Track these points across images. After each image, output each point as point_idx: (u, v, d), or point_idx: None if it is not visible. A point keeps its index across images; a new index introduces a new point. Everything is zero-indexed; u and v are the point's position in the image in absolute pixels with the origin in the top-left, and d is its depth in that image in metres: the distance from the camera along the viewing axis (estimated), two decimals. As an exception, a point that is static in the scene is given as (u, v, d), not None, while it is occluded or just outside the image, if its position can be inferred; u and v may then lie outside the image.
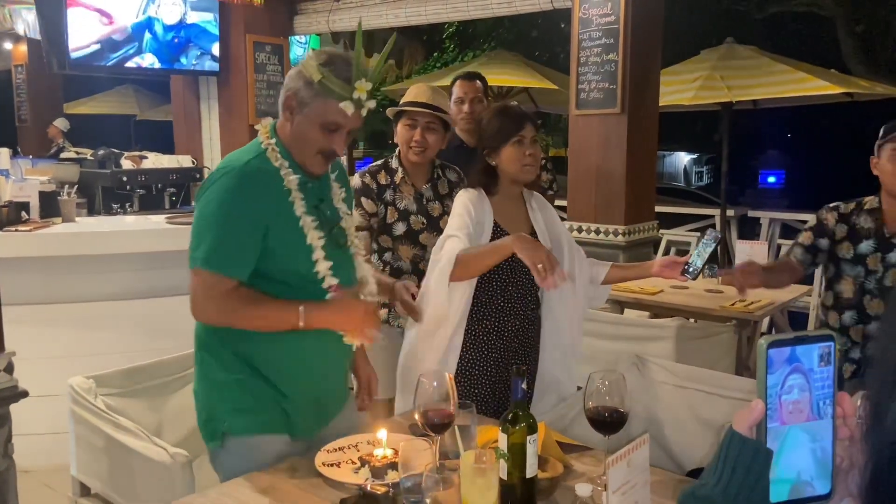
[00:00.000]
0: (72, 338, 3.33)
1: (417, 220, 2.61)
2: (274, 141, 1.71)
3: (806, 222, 2.53)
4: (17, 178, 3.91)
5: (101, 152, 4.42)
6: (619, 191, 4.03)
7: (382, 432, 1.66)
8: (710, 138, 13.13)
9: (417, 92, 2.63)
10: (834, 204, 2.41)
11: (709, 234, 2.18)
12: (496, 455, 1.39)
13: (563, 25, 8.98)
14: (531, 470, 1.43)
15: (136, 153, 4.67)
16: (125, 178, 4.19)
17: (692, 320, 3.43)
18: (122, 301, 3.46)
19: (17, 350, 2.12)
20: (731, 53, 5.74)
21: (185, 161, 4.78)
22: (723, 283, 3.29)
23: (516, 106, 2.32)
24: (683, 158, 20.85)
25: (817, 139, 12.97)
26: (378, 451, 1.62)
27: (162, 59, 4.98)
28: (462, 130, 3.32)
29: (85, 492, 2.17)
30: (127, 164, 4.42)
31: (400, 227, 2.60)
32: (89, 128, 9.32)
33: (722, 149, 6.24)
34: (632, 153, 3.98)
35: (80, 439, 2.10)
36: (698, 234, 6.18)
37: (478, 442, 1.65)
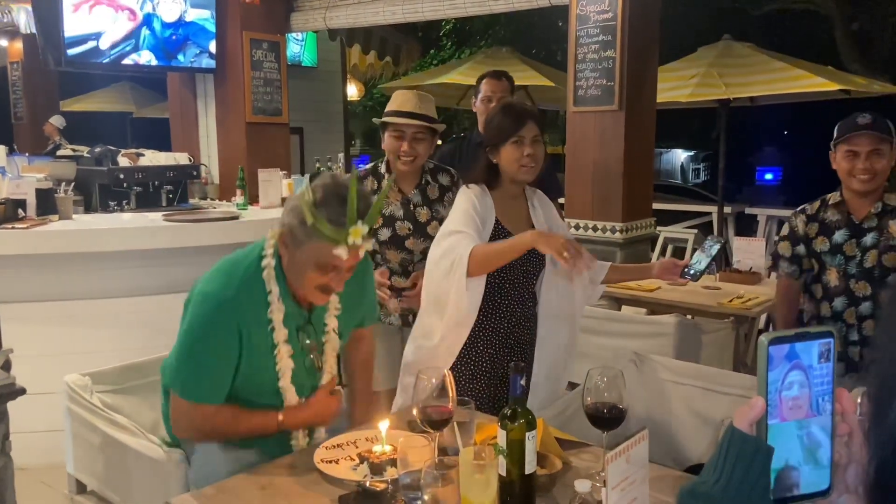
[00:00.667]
0: (68, 335, 3.32)
1: (403, 226, 2.59)
2: (274, 263, 1.69)
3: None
4: (14, 176, 3.89)
5: (97, 150, 4.39)
6: (616, 188, 4.02)
7: (383, 424, 1.66)
8: (708, 135, 13.14)
9: (403, 100, 2.55)
10: (800, 208, 2.60)
11: (712, 237, 2.25)
12: (495, 451, 1.39)
13: (560, 23, 8.98)
14: (530, 466, 1.43)
15: (133, 150, 4.64)
16: (122, 176, 4.17)
17: (689, 317, 3.43)
18: (119, 298, 3.45)
19: (15, 347, 2.11)
20: (729, 50, 5.75)
21: (181, 158, 4.76)
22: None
23: (521, 103, 2.29)
24: (680, 156, 20.87)
25: (814, 136, 13.00)
26: (377, 448, 1.61)
27: (159, 57, 4.96)
28: None
29: (81, 489, 2.16)
30: (124, 161, 4.40)
31: (385, 233, 2.59)
32: (86, 125, 9.29)
33: (719, 146, 6.24)
34: (629, 150, 3.98)
35: (76, 436, 2.10)
36: (695, 232, 6.19)
37: (476, 438, 1.65)
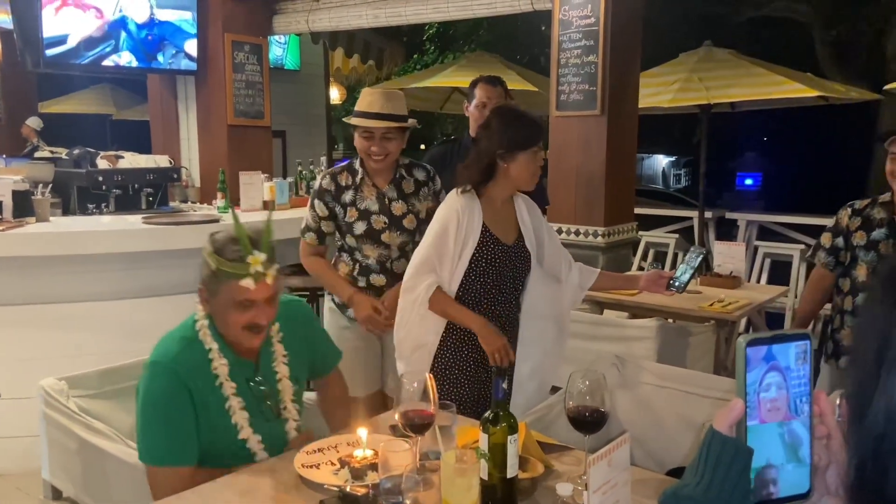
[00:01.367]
0: (45, 339, 3.27)
1: (379, 220, 2.61)
2: (207, 322, 1.75)
3: (784, 224, 2.68)
4: (-10, 177, 3.83)
5: (76, 151, 4.34)
6: (598, 192, 4.04)
7: (362, 431, 1.65)
8: (689, 141, 13.26)
9: (370, 100, 2.55)
10: (850, 202, 2.66)
11: (695, 249, 2.29)
12: (477, 455, 1.39)
13: (543, 28, 9.02)
14: (512, 470, 1.42)
15: (113, 153, 4.59)
16: (101, 178, 4.12)
17: (671, 320, 3.45)
18: (96, 302, 3.41)
19: (-11, 352, 2.07)
20: (709, 56, 5.80)
21: (162, 161, 4.71)
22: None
23: (532, 115, 2.30)
24: (662, 161, 21.03)
25: (793, 142, 13.16)
26: (358, 452, 1.60)
27: (139, 57, 4.91)
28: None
29: (57, 495, 2.13)
30: (103, 163, 4.35)
31: (360, 227, 2.60)
32: (65, 127, 9.17)
33: (700, 151, 6.29)
34: (611, 155, 4.00)
35: (52, 442, 2.06)
36: (677, 237, 6.24)
37: (458, 442, 1.65)
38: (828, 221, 2.73)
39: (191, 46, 5.15)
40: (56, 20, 4.49)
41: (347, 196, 2.62)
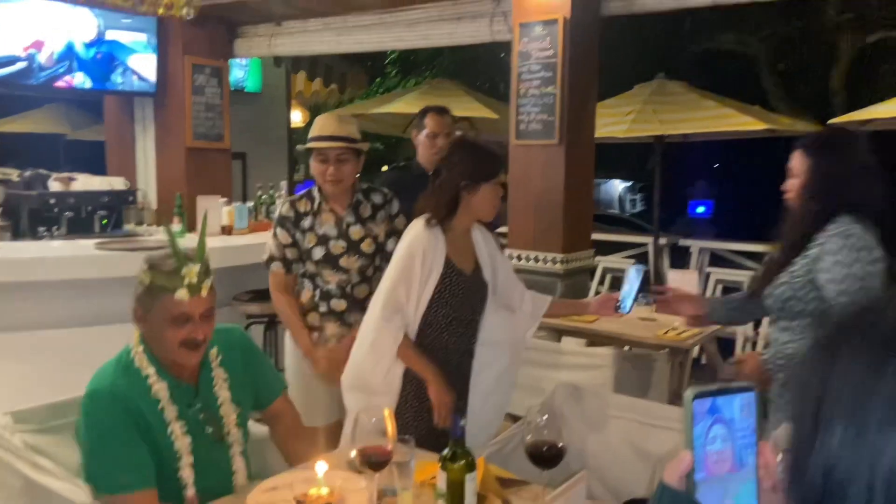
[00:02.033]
0: (-10, 369, 3.16)
1: (337, 245, 2.63)
2: (142, 348, 1.73)
3: (735, 251, 2.72)
4: (-66, 200, 3.71)
5: (27, 173, 4.24)
6: (556, 220, 4.10)
7: (321, 465, 1.63)
8: (644, 167, 13.58)
9: (324, 124, 2.63)
10: None
11: (633, 269, 2.31)
12: (435, 496, 1.39)
13: (503, 55, 9.16)
14: (470, 507, 1.42)
15: (66, 174, 4.49)
16: (53, 201, 4.03)
17: (628, 348, 3.50)
18: (46, 330, 3.31)
19: (-70, 385, 1.99)
20: (663, 88, 5.97)
21: (117, 183, 4.63)
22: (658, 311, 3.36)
23: (493, 145, 2.35)
24: (618, 186, 21.44)
25: (743, 171, 13.57)
26: (313, 490, 1.59)
27: (93, 78, 4.84)
28: (429, 162, 3.37)
29: (0, 536, 2.04)
30: (55, 185, 4.26)
31: (318, 252, 2.62)
32: (16, 147, 8.94)
33: (654, 177, 6.45)
34: (569, 183, 4.07)
35: (-5, 480, 1.98)
36: (633, 261, 6.35)
37: (416, 478, 1.64)
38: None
39: (144, 66, 5.09)
40: (6, 42, 4.40)
41: (306, 222, 2.64)
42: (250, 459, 1.88)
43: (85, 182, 4.46)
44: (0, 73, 4.36)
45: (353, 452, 1.57)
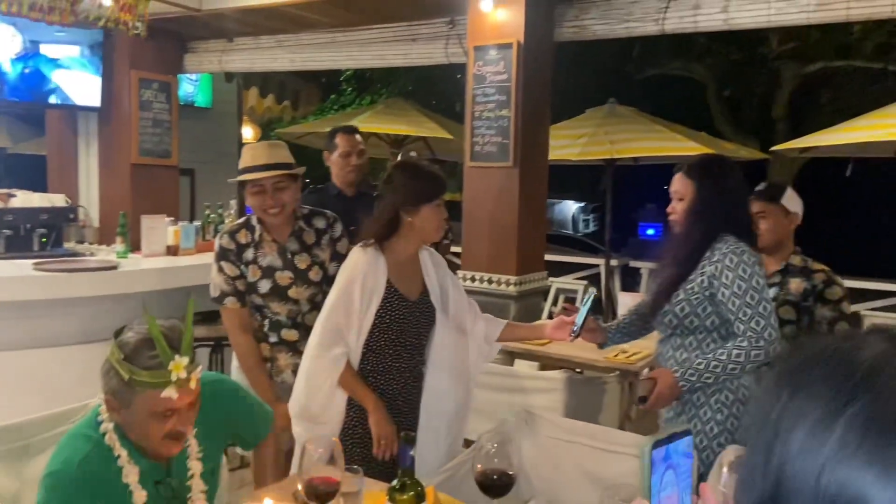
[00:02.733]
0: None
1: (284, 276, 2.52)
2: (112, 425, 1.56)
3: None
4: None
5: (-39, 188, 4.07)
6: (510, 242, 4.12)
7: (267, 501, 1.58)
8: (596, 188, 13.80)
9: (255, 154, 2.49)
10: None
11: (587, 293, 2.33)
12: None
13: (458, 76, 9.23)
14: (419, 540, 1.39)
15: (4, 191, 4.33)
16: (-11, 218, 3.87)
17: (579, 371, 3.52)
18: (-23, 354, 3.16)
19: None
20: (614, 113, 6.09)
21: (57, 200, 4.47)
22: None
23: (435, 167, 2.30)
24: (572, 207, 21.74)
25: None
26: (258, 526, 1.53)
27: (22, 93, 4.69)
28: (344, 181, 3.35)
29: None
30: (-8, 201, 4.09)
31: (265, 285, 2.52)
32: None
33: (606, 200, 6.55)
34: (523, 206, 4.10)
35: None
36: (585, 283, 6.42)
37: (365, 509, 1.60)
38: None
39: (82, 81, 4.95)
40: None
41: (248, 254, 2.52)
42: None
43: (24, 199, 4.30)
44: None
45: (299, 484, 1.53)
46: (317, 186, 3.51)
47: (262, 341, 2.59)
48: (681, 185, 2.21)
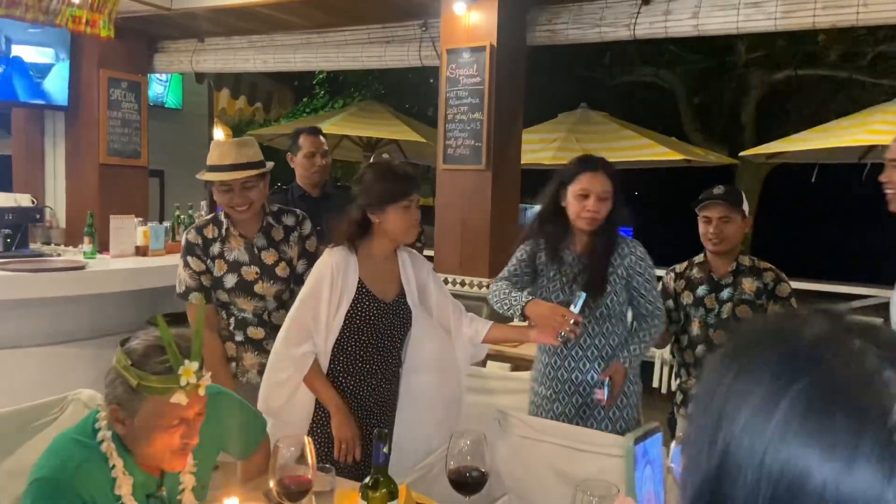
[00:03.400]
0: None
1: (250, 271, 2.51)
2: (111, 434, 1.51)
3: (658, 278, 2.79)
4: None
5: (-78, 187, 3.97)
6: (483, 244, 4.14)
7: (232, 500, 1.56)
8: (568, 193, 13.88)
9: (221, 153, 2.46)
10: (671, 267, 2.89)
11: (576, 294, 2.28)
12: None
13: (431, 80, 9.25)
14: (391, 537, 1.39)
15: (-34, 190, 4.24)
16: (-49, 217, 3.78)
17: (551, 371, 3.53)
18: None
19: None
20: (585, 118, 6.16)
21: (23, 200, 4.38)
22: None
23: (407, 168, 2.25)
24: (544, 211, 21.86)
25: (662, 199, 14.12)
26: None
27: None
28: (309, 182, 3.34)
29: None
30: (-47, 201, 4.00)
31: (230, 280, 2.50)
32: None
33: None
34: (496, 208, 4.12)
35: None
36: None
37: (337, 508, 1.59)
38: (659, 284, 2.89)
39: (53, 79, 4.87)
40: None
41: (215, 248, 2.50)
42: None
43: (-12, 198, 4.20)
44: None
45: (271, 482, 1.51)
46: (281, 187, 3.49)
47: (227, 340, 2.56)
48: (608, 187, 2.38)
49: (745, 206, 2.72)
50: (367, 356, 2.16)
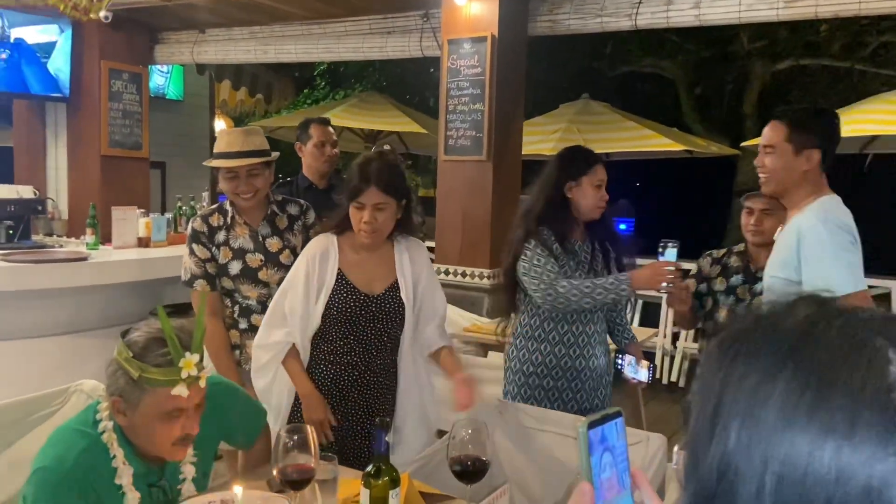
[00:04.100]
0: None
1: (255, 258, 2.54)
2: (112, 424, 1.53)
3: None
4: None
5: (-76, 179, 3.98)
6: (483, 235, 4.14)
7: (237, 489, 1.57)
8: (570, 184, 13.84)
9: (229, 140, 2.49)
10: (708, 252, 2.89)
11: (666, 249, 2.36)
12: (357, 513, 1.36)
13: (432, 70, 9.24)
14: (393, 525, 1.40)
15: (-31, 182, 4.25)
16: (-47, 209, 3.80)
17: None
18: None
19: None
20: (587, 109, 6.15)
21: (25, 192, 4.39)
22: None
23: (375, 163, 2.13)
24: (545, 202, 21.84)
25: (663, 190, 14.10)
26: (232, 511, 1.53)
27: (4, 81, 4.60)
28: (317, 173, 3.36)
29: None
30: (-44, 193, 4.01)
31: (235, 266, 2.53)
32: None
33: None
34: (497, 199, 4.12)
35: None
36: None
37: (339, 495, 1.61)
38: (694, 266, 2.91)
39: (56, 70, 4.87)
40: None
41: (220, 236, 2.54)
42: None
43: (-10, 190, 4.21)
44: None
45: (274, 471, 1.53)
46: (286, 179, 3.49)
47: (231, 328, 2.59)
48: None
49: None
50: (348, 347, 2.14)
